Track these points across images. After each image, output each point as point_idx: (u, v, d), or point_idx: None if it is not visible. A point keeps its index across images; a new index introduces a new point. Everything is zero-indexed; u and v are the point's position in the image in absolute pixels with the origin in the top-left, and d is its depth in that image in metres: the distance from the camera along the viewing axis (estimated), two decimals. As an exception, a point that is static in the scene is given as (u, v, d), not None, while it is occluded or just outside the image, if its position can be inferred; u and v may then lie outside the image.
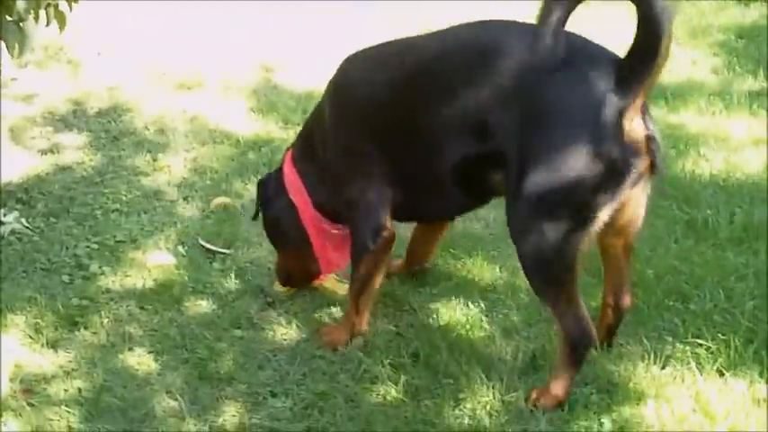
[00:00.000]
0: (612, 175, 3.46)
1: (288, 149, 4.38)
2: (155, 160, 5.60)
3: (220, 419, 3.73)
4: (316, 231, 4.26)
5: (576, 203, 3.49)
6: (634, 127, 3.46)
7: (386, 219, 4.00)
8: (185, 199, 5.23)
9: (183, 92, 6.43)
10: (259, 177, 5.15)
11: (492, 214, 5.05)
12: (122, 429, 3.68)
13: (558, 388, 3.77)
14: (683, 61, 6.98)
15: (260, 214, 4.46)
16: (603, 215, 3.52)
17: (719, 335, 4.10)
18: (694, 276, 4.50)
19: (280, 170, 4.34)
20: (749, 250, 4.74)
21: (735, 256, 4.68)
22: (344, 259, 4.27)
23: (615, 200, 3.51)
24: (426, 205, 4.07)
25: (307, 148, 4.25)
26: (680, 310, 4.28)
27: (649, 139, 3.50)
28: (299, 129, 4.49)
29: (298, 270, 4.39)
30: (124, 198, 5.22)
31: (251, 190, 5.27)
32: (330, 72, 4.18)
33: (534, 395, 3.80)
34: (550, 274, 3.64)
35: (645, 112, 3.53)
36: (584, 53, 3.54)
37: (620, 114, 3.41)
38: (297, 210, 4.25)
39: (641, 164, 3.49)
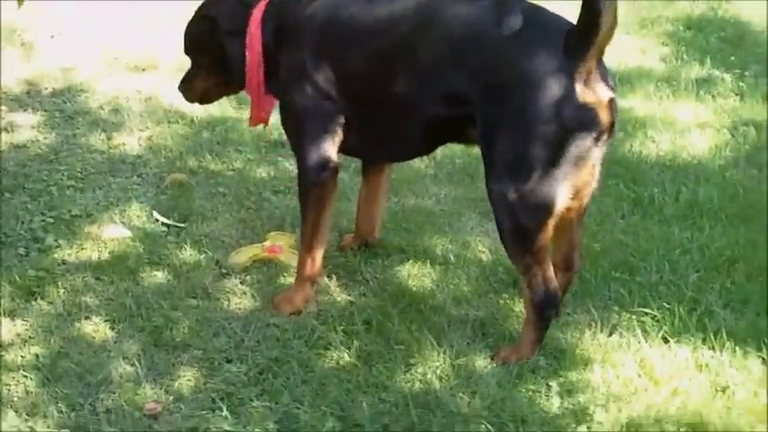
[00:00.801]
0: (574, 137, 3.60)
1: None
2: (109, 139, 5.63)
3: (176, 384, 3.78)
4: (255, 81, 4.27)
5: (544, 166, 3.62)
6: (590, 90, 3.60)
7: (333, 153, 4.13)
8: (140, 176, 5.27)
9: (138, 73, 6.46)
10: (214, 156, 5.27)
11: (443, 191, 5.16)
12: (79, 393, 3.72)
13: (526, 349, 3.92)
14: (633, 50, 7.11)
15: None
16: (571, 177, 3.66)
17: (664, 304, 4.21)
18: (640, 250, 4.62)
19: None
20: (694, 226, 4.86)
21: (680, 231, 4.81)
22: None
23: (582, 160, 3.66)
24: (381, 150, 4.24)
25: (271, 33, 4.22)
26: (626, 281, 4.39)
27: (609, 100, 3.65)
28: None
29: (212, 88, 4.54)
30: (79, 175, 5.25)
31: (205, 167, 5.34)
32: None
33: (503, 353, 3.92)
34: (525, 237, 3.76)
35: (605, 77, 3.68)
36: (538, 22, 3.69)
37: (571, 78, 3.55)
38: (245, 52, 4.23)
39: (601, 125, 3.64)
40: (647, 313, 4.17)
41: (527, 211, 3.70)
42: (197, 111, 5.93)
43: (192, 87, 4.57)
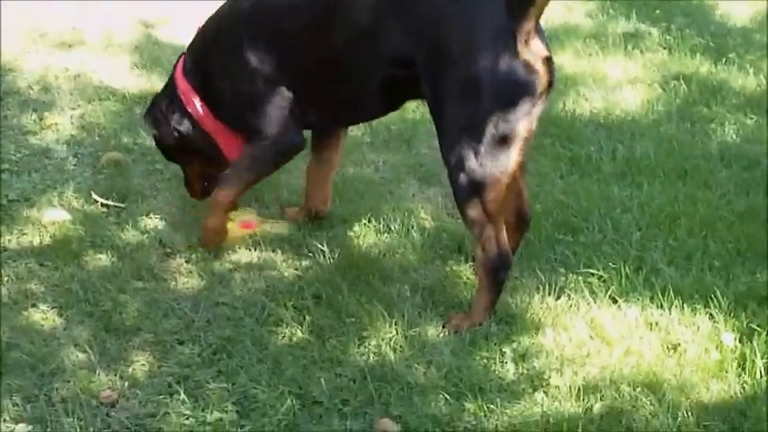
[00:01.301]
0: (521, 96, 3.67)
1: (176, 64, 4.48)
2: (41, 119, 5.53)
3: (130, 369, 3.75)
4: (218, 129, 4.38)
5: (496, 127, 3.69)
6: (530, 48, 3.67)
7: (298, 136, 4.26)
8: (75, 156, 5.19)
9: (64, 50, 6.35)
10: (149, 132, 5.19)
11: (381, 158, 5.16)
12: (33, 384, 3.67)
13: (478, 315, 3.95)
14: (559, 6, 7.12)
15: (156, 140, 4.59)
16: (521, 133, 3.73)
17: (610, 264, 4.27)
18: (581, 210, 4.67)
19: (167, 91, 4.50)
20: (632, 184, 4.92)
21: (619, 189, 4.87)
22: None
23: (528, 117, 3.72)
24: (341, 117, 4.33)
25: (199, 68, 4.36)
26: (570, 242, 4.44)
27: (546, 59, 3.73)
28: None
29: (210, 176, 4.51)
30: (13, 158, 5.15)
31: (140, 144, 5.27)
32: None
33: (455, 321, 3.95)
34: (482, 199, 3.80)
35: (541, 35, 3.76)
36: None
37: (513, 36, 3.61)
38: (196, 120, 4.39)
39: (542, 83, 3.71)
40: (593, 274, 4.23)
41: (484, 174, 3.75)
42: (128, 86, 5.88)
43: (194, 189, 4.67)
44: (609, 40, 6.54)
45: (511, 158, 3.75)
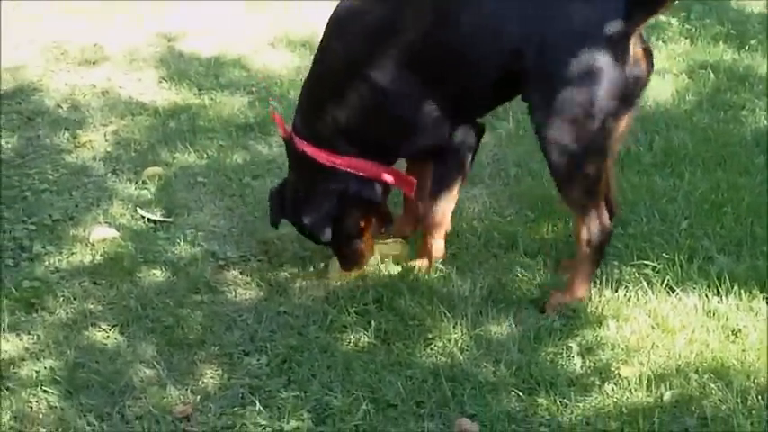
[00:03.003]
0: (627, 90, 3.81)
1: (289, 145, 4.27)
2: (74, 137, 5.53)
3: (200, 383, 3.78)
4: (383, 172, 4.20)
5: (605, 117, 3.83)
6: (637, 43, 3.81)
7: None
8: (114, 172, 5.19)
9: (88, 67, 6.34)
10: (186, 145, 5.21)
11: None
12: (105, 402, 3.69)
13: (581, 289, 4.09)
14: None
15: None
16: (622, 125, 3.89)
17: (663, 254, 4.30)
18: (627, 202, 4.68)
19: (302, 181, 4.25)
20: (674, 173, 4.95)
21: (661, 179, 4.89)
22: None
23: (630, 110, 3.89)
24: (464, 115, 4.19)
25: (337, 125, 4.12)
26: (620, 234, 4.45)
27: (646, 52, 3.88)
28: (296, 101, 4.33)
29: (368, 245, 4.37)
30: (51, 177, 5.16)
31: (179, 158, 5.28)
32: (234, 37, 4.19)
33: (554, 300, 4.09)
34: (583, 184, 3.96)
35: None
36: None
37: (627, 37, 3.76)
38: (354, 181, 4.16)
39: (645, 75, 3.89)
40: (647, 265, 4.25)
41: (588, 158, 3.89)
42: (158, 100, 5.89)
43: (364, 255, 4.38)
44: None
45: (611, 145, 3.93)
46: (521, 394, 3.64)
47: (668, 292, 4.11)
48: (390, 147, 4.16)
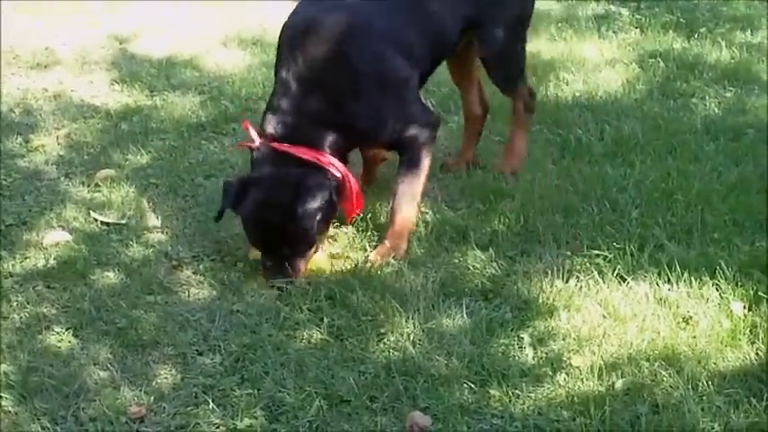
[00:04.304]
0: None
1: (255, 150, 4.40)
2: (27, 142, 5.51)
3: (154, 383, 3.76)
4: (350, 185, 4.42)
5: (526, 25, 4.97)
6: None
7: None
8: (67, 176, 5.17)
9: (40, 71, 6.33)
10: (138, 147, 5.20)
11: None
12: (59, 405, 3.67)
13: (519, 149, 5.00)
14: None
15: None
16: None
17: (614, 244, 4.34)
18: (578, 192, 4.73)
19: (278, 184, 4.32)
20: (625, 163, 5.00)
21: (612, 169, 4.94)
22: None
23: None
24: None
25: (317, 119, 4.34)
26: (572, 224, 4.51)
27: None
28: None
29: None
30: (4, 182, 5.12)
31: (131, 160, 5.28)
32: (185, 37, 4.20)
33: (505, 165, 4.98)
34: (518, 75, 4.98)
35: None
36: None
37: None
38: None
39: None
40: (598, 254, 4.28)
41: (519, 58, 5.00)
42: (110, 103, 5.88)
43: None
44: (581, 24, 6.62)
45: None
46: (473, 386, 3.66)
47: (619, 282, 4.15)
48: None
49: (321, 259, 4.41)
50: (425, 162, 4.45)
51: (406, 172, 4.43)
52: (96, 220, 4.77)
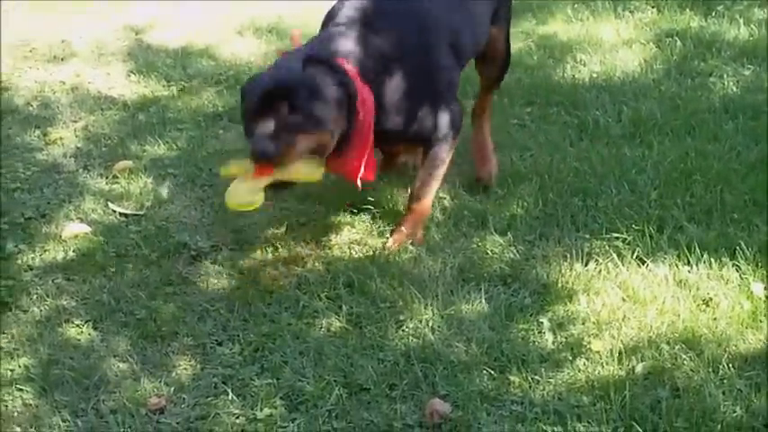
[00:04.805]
0: None
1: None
2: (45, 135, 5.53)
3: (174, 374, 3.77)
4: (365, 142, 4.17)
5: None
6: None
7: None
8: (85, 168, 5.19)
9: (57, 64, 6.35)
10: (156, 138, 5.21)
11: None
12: (79, 398, 3.69)
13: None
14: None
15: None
16: None
17: (633, 226, 4.31)
18: (596, 174, 4.71)
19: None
20: (643, 144, 4.97)
21: (630, 150, 4.91)
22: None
23: None
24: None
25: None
26: (590, 207, 4.48)
27: None
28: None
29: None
30: (22, 176, 5.14)
31: (149, 151, 5.28)
32: (200, 26, 4.18)
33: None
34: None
35: None
36: None
37: None
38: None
39: None
40: (617, 237, 4.26)
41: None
42: (127, 94, 5.89)
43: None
44: (598, 4, 6.59)
45: None
46: (492, 372, 3.65)
47: (638, 264, 4.13)
48: None
49: (314, 169, 4.01)
50: (448, 156, 4.42)
51: (428, 161, 4.40)
52: (115, 212, 4.78)
